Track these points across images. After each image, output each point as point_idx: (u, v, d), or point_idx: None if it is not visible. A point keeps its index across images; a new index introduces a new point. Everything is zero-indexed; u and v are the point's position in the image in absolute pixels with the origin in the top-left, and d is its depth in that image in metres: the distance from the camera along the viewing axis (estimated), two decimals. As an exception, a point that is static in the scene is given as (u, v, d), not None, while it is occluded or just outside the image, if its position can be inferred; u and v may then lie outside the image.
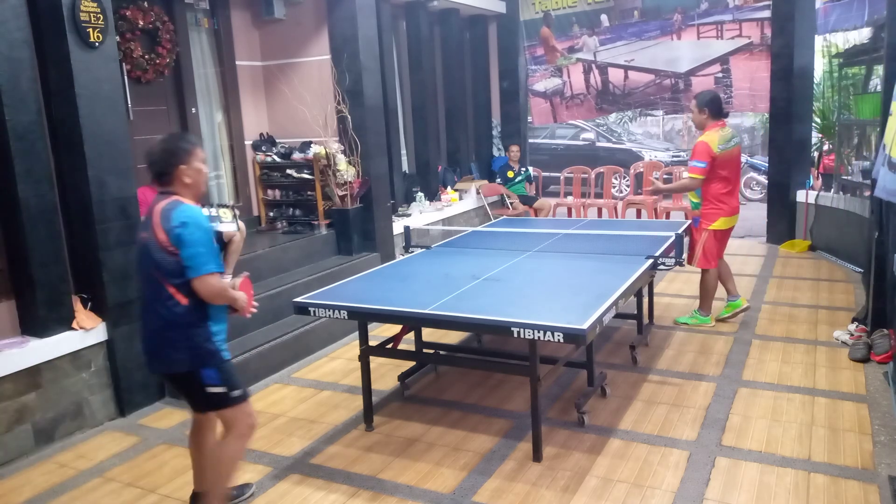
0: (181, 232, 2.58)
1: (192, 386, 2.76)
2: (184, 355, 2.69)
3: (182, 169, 2.73)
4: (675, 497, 3.04)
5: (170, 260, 2.62)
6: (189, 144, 2.78)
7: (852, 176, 6.80)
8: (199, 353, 2.70)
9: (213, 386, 2.72)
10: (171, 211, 2.63)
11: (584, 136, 12.84)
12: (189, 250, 2.59)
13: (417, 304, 3.49)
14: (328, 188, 6.38)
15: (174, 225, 2.59)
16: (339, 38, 6.40)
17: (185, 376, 2.74)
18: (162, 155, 2.73)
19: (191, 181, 2.75)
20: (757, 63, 8.02)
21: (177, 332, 2.68)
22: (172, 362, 2.72)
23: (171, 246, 2.60)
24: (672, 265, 4.28)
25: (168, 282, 2.64)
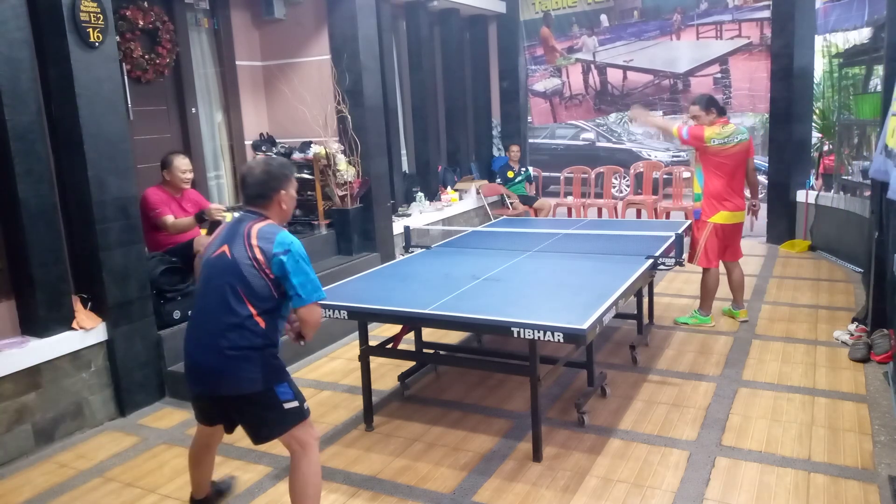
0: (286, 259, 2.53)
1: (265, 407, 2.62)
2: (257, 374, 2.57)
3: (282, 195, 2.70)
4: (675, 497, 3.04)
5: (263, 283, 2.55)
6: (289, 171, 2.75)
7: (852, 176, 6.80)
8: (272, 371, 2.62)
9: (289, 401, 2.64)
10: (274, 235, 2.58)
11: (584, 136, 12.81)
12: (299, 278, 2.55)
13: (417, 304, 3.49)
14: (328, 188, 6.37)
15: (278, 251, 2.54)
16: (339, 38, 6.40)
17: (258, 397, 2.60)
18: (262, 177, 2.68)
19: (286, 208, 2.74)
20: (756, 63, 8.03)
21: (252, 353, 2.57)
22: (246, 382, 2.57)
23: (270, 270, 2.55)
24: (672, 265, 4.28)
25: (253, 303, 2.56)
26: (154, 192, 4.65)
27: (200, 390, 2.68)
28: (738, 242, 5.28)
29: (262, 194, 2.68)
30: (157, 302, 4.45)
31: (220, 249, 2.63)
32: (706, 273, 5.21)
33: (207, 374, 2.61)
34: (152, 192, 4.65)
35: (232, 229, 2.67)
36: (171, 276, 4.56)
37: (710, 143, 4.92)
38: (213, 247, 2.69)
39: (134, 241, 4.25)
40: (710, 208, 5.07)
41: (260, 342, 2.58)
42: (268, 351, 2.61)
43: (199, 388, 2.68)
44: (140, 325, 4.29)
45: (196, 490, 3.06)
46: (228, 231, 2.68)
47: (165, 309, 4.51)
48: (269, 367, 2.61)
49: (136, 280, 4.25)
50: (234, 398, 2.62)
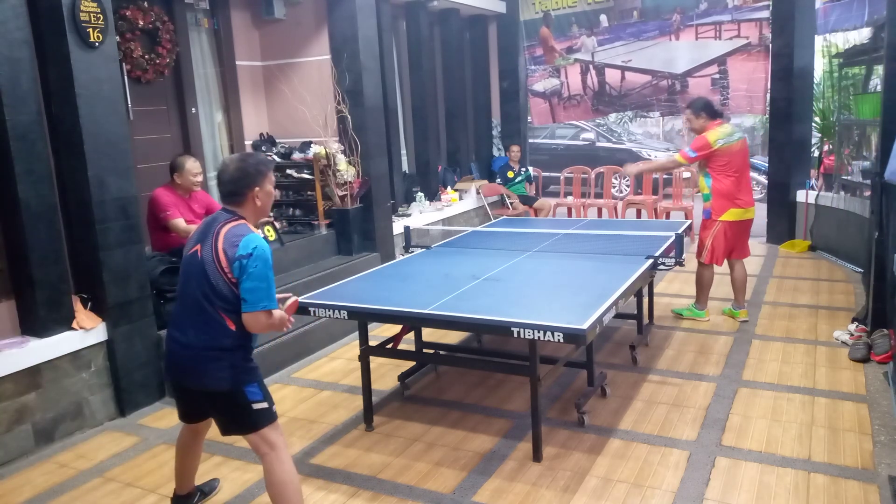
0: (246, 263, 2.51)
1: (235, 405, 2.66)
2: (226, 374, 2.61)
3: (255, 191, 2.67)
4: (675, 497, 3.04)
5: (226, 286, 2.55)
6: (264, 167, 2.71)
7: (852, 176, 6.80)
8: (241, 371, 2.65)
9: (258, 402, 2.66)
10: (240, 238, 2.55)
11: (584, 136, 12.84)
12: (249, 283, 2.52)
13: (417, 304, 3.49)
14: (328, 188, 6.38)
15: (241, 254, 2.52)
16: (339, 38, 6.40)
17: (227, 395, 2.65)
18: (236, 174, 2.65)
19: (261, 204, 2.70)
20: (754, 64, 8.02)
21: (220, 354, 2.61)
22: (213, 380, 2.63)
23: (232, 274, 2.54)
24: (672, 265, 4.28)
25: (220, 306, 2.57)
26: (164, 194, 4.64)
27: (175, 381, 2.78)
28: (746, 241, 5.31)
29: (236, 192, 2.66)
30: (157, 302, 4.45)
31: (194, 248, 2.66)
32: (702, 267, 5.25)
33: (180, 369, 2.69)
34: (162, 193, 4.63)
35: (206, 228, 2.67)
36: (171, 276, 4.56)
37: (717, 146, 4.97)
38: (190, 244, 2.70)
39: (134, 241, 4.25)
40: (721, 207, 5.09)
41: (229, 343, 2.60)
42: (238, 353, 2.64)
43: (174, 379, 2.78)
44: (140, 325, 4.29)
45: (179, 485, 3.08)
46: (203, 229, 2.68)
47: (165, 309, 4.50)
48: (238, 367, 2.63)
49: (136, 280, 4.25)
50: (204, 393, 2.68)
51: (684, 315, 5.43)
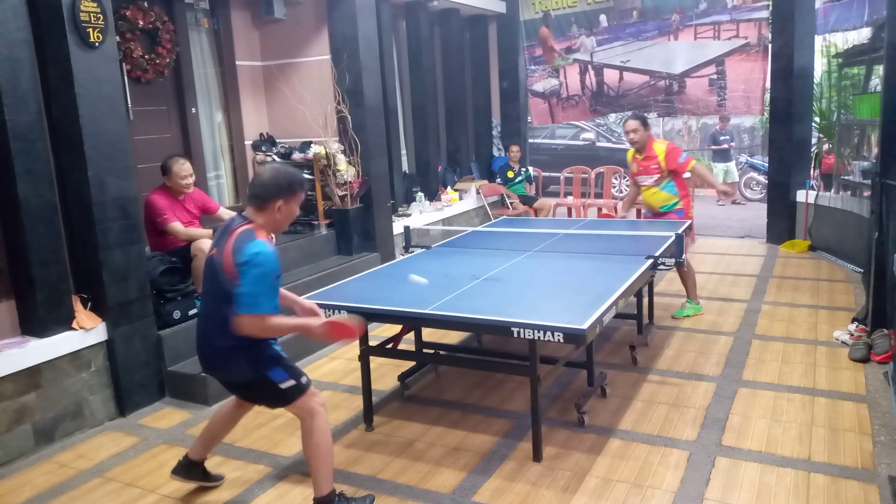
0: (245, 268, 2.62)
1: (265, 389, 2.85)
2: (245, 366, 2.79)
3: (279, 204, 2.76)
4: (675, 497, 3.04)
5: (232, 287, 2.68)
6: (298, 185, 2.80)
7: (852, 176, 6.80)
8: (263, 360, 2.81)
9: (284, 381, 2.83)
10: (245, 244, 2.66)
11: (584, 136, 12.83)
12: (245, 287, 2.62)
13: (417, 304, 3.48)
14: (328, 188, 6.38)
15: (242, 260, 2.62)
16: (339, 38, 6.40)
17: (257, 381, 2.83)
18: (268, 181, 2.76)
19: (280, 217, 2.79)
20: (752, 64, 8.02)
21: (237, 350, 2.76)
22: (236, 372, 2.84)
23: (235, 278, 2.65)
24: (672, 265, 4.28)
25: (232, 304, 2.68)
26: (158, 198, 4.63)
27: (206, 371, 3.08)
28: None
29: (261, 196, 2.76)
30: (157, 302, 4.45)
31: (213, 250, 2.81)
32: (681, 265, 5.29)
33: (207, 363, 2.94)
34: (157, 198, 4.63)
35: (223, 231, 2.80)
36: (171, 276, 4.57)
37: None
38: (212, 245, 2.86)
39: (134, 241, 4.25)
40: (688, 206, 5.57)
41: (245, 340, 2.72)
42: (255, 347, 2.77)
43: (205, 370, 3.07)
44: (140, 325, 4.29)
45: (194, 448, 3.23)
46: (222, 231, 2.81)
47: (165, 309, 4.51)
48: (256, 358, 2.79)
49: (136, 280, 4.25)
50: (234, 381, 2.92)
51: (689, 315, 5.50)
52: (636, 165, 5.57)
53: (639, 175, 5.56)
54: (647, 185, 5.55)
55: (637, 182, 5.64)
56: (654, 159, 5.41)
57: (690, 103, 8.61)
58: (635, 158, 5.56)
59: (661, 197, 5.50)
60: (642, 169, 5.51)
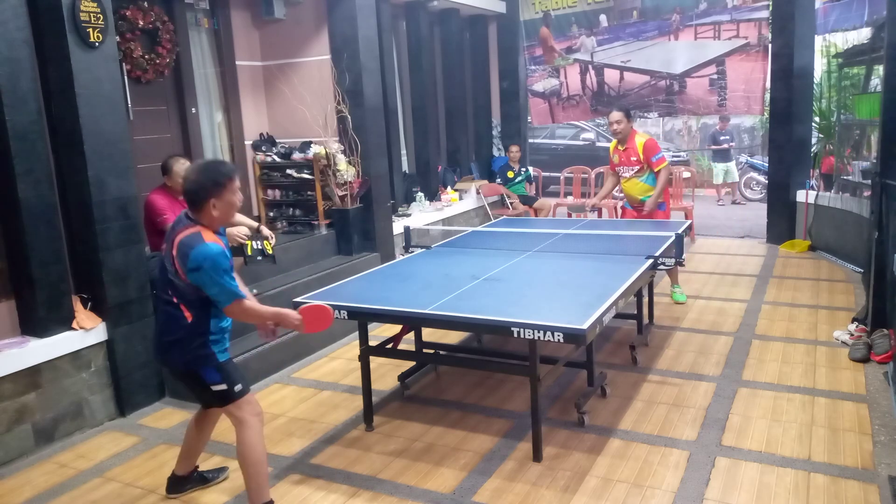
0: (198, 276, 2.70)
1: (198, 384, 2.96)
2: (181, 359, 2.91)
3: (212, 202, 2.77)
4: (675, 497, 3.04)
5: (183, 285, 2.79)
6: (223, 177, 2.79)
7: (852, 176, 6.80)
8: (195, 357, 2.89)
9: (215, 384, 2.91)
10: (190, 249, 2.70)
11: (584, 136, 12.83)
12: (212, 290, 2.74)
13: (417, 304, 3.49)
14: (328, 188, 6.38)
15: (191, 268, 2.70)
16: (339, 38, 6.40)
17: (189, 375, 2.96)
18: (194, 186, 2.78)
19: (218, 214, 2.80)
20: (752, 64, 8.01)
21: (179, 340, 2.88)
22: (174, 363, 2.97)
23: (186, 279, 2.75)
24: (672, 265, 4.28)
25: (178, 299, 2.84)
26: (158, 198, 4.63)
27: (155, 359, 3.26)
28: None
29: (193, 201, 2.80)
30: (156, 302, 4.44)
31: (163, 246, 2.93)
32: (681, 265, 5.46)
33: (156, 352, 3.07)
34: (157, 198, 4.62)
35: (171, 229, 2.88)
36: (170, 276, 4.56)
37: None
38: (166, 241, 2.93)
39: (134, 241, 4.25)
40: (668, 199, 5.92)
41: (183, 333, 2.85)
42: (192, 341, 2.87)
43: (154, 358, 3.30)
44: (140, 325, 4.29)
45: (178, 464, 3.26)
46: (170, 230, 2.89)
47: (165, 309, 4.50)
48: (191, 353, 2.87)
49: (136, 280, 4.25)
50: (175, 373, 3.08)
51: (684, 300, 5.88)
52: (617, 156, 5.90)
53: (620, 166, 5.89)
54: (626, 177, 5.85)
55: (617, 173, 5.95)
56: (634, 151, 5.74)
57: (691, 103, 8.61)
58: (617, 150, 5.88)
59: (641, 188, 5.80)
60: (623, 160, 5.84)
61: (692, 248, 7.94)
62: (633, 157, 5.75)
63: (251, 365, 4.60)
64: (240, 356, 4.55)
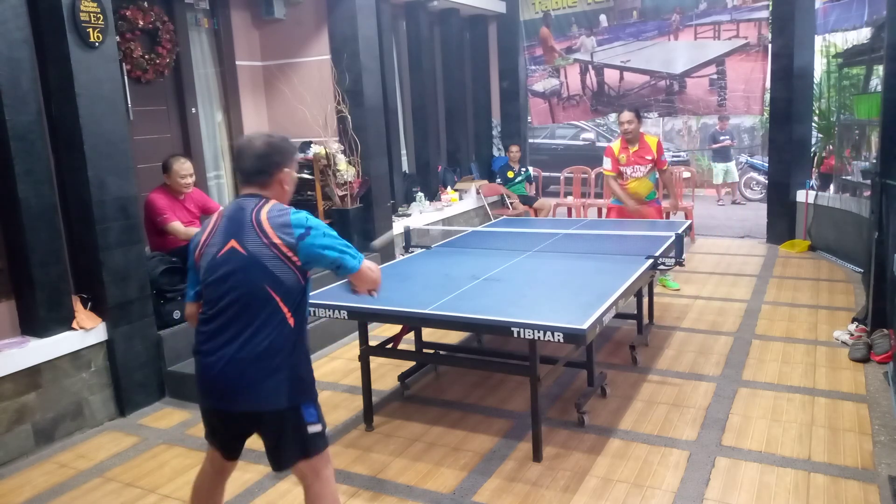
0: (311, 241, 2.23)
1: (287, 427, 2.28)
2: (285, 386, 2.24)
3: (284, 172, 2.34)
4: (675, 497, 3.04)
5: (291, 274, 2.24)
6: (293, 147, 2.41)
7: (852, 176, 6.80)
8: (302, 385, 2.30)
9: (313, 424, 2.31)
10: (287, 216, 2.25)
11: (584, 136, 12.83)
12: (334, 252, 2.29)
13: (417, 304, 3.49)
14: (328, 188, 6.38)
15: (301, 233, 2.22)
16: (339, 38, 6.40)
17: (278, 416, 2.26)
18: (265, 150, 2.30)
19: (288, 188, 2.39)
20: (752, 64, 8.01)
21: (281, 359, 2.24)
22: (271, 395, 2.23)
23: (298, 258, 2.23)
24: (672, 265, 4.28)
25: (284, 300, 2.24)
26: (158, 197, 4.64)
27: (217, 405, 2.34)
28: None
29: (263, 170, 2.31)
30: (157, 302, 4.45)
31: (228, 245, 2.25)
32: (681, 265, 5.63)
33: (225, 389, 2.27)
34: (157, 197, 4.63)
35: (232, 222, 2.27)
36: (171, 276, 4.56)
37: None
38: (216, 244, 2.28)
39: (134, 241, 4.25)
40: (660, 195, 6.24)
41: (289, 344, 2.27)
42: (298, 358, 2.30)
43: (215, 404, 2.34)
44: (140, 325, 4.29)
45: None
46: (228, 224, 2.28)
47: (165, 309, 4.51)
48: (299, 380, 2.30)
49: (136, 280, 4.25)
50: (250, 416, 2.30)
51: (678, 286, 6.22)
52: (625, 156, 5.93)
53: (629, 165, 5.94)
54: (636, 176, 5.92)
55: (623, 173, 5.98)
56: (648, 150, 5.86)
57: (691, 103, 8.61)
58: (625, 150, 5.92)
59: (648, 186, 5.99)
60: (635, 159, 5.91)
61: (692, 248, 7.94)
62: (648, 155, 5.87)
63: (251, 365, 4.60)
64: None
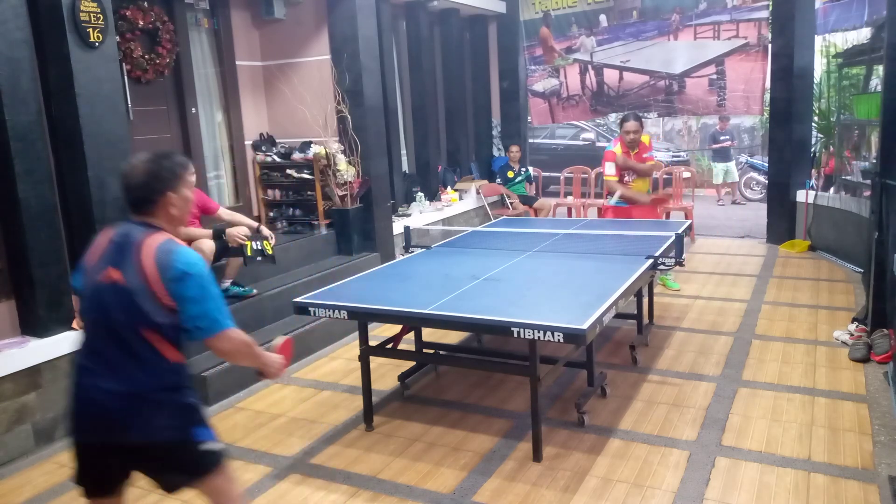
0: (183, 287, 2.09)
1: (180, 453, 2.21)
2: (171, 420, 2.16)
3: (170, 197, 2.20)
4: (675, 497, 3.04)
5: (164, 313, 2.10)
6: (179, 167, 2.25)
7: (853, 176, 6.80)
8: (189, 411, 2.21)
9: (207, 442, 2.22)
10: (169, 255, 2.10)
11: (583, 136, 12.83)
12: (198, 307, 2.10)
13: (417, 304, 3.49)
14: (328, 188, 6.38)
15: (173, 276, 2.08)
16: (339, 38, 6.40)
17: (175, 446, 2.19)
18: (145, 178, 2.18)
19: (177, 212, 2.24)
20: (752, 64, 8.01)
21: (164, 394, 2.16)
22: (157, 429, 2.15)
23: (169, 298, 2.09)
24: (672, 265, 4.28)
25: (159, 336, 2.12)
26: None
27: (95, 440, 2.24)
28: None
29: (145, 198, 2.19)
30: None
31: (106, 272, 2.15)
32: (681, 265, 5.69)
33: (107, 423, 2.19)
34: None
35: (118, 247, 2.16)
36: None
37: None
38: (97, 266, 2.18)
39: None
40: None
41: (171, 380, 2.17)
42: (182, 392, 2.20)
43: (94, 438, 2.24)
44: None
45: None
46: (113, 249, 2.17)
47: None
48: (185, 409, 2.20)
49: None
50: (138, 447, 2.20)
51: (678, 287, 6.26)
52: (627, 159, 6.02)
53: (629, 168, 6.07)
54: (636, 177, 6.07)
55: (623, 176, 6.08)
56: (648, 149, 6.08)
57: (690, 103, 8.61)
58: (628, 153, 5.99)
59: (646, 184, 6.25)
60: (638, 159, 6.01)
61: (692, 248, 7.94)
62: (646, 153, 6.04)
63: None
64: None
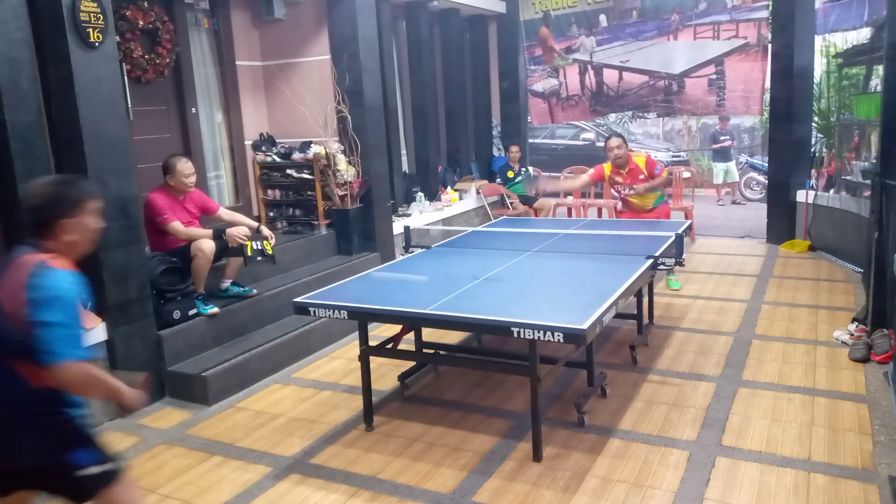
0: (36, 310, 1.99)
1: (55, 478, 2.14)
2: (39, 445, 2.08)
3: (64, 223, 2.11)
4: (675, 497, 3.04)
5: (22, 333, 2.00)
6: (79, 193, 2.17)
7: (853, 176, 6.80)
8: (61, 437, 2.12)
9: (85, 466, 2.12)
10: (35, 276, 2.02)
11: (583, 136, 12.83)
12: (45, 332, 1.96)
13: (417, 304, 3.49)
14: (328, 188, 6.38)
15: (31, 296, 2.00)
16: (339, 38, 6.40)
17: (41, 469, 2.11)
18: (41, 202, 2.13)
19: (76, 239, 2.15)
20: (752, 64, 8.01)
21: (32, 420, 2.08)
22: (24, 454, 2.06)
23: (29, 320, 1.99)
24: (672, 265, 4.28)
25: (23, 360, 2.02)
26: (158, 197, 4.64)
27: None
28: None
29: (39, 223, 2.12)
30: (157, 302, 4.45)
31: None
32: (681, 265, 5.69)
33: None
34: (157, 197, 4.63)
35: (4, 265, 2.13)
36: (171, 276, 4.56)
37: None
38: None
39: (134, 241, 4.25)
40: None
41: (41, 406, 2.09)
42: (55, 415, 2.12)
43: None
44: (140, 325, 4.29)
45: None
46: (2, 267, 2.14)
47: (165, 309, 4.51)
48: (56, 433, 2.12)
49: (136, 280, 4.25)
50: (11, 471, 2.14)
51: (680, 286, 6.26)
52: (620, 179, 6.07)
53: (625, 185, 6.09)
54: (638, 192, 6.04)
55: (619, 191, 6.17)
56: (639, 170, 5.99)
57: (690, 103, 8.61)
58: (618, 174, 6.04)
59: (652, 196, 6.13)
60: (630, 181, 6.04)
61: (692, 248, 7.94)
62: (640, 175, 6.00)
63: (251, 365, 4.61)
64: (239, 356, 4.56)
